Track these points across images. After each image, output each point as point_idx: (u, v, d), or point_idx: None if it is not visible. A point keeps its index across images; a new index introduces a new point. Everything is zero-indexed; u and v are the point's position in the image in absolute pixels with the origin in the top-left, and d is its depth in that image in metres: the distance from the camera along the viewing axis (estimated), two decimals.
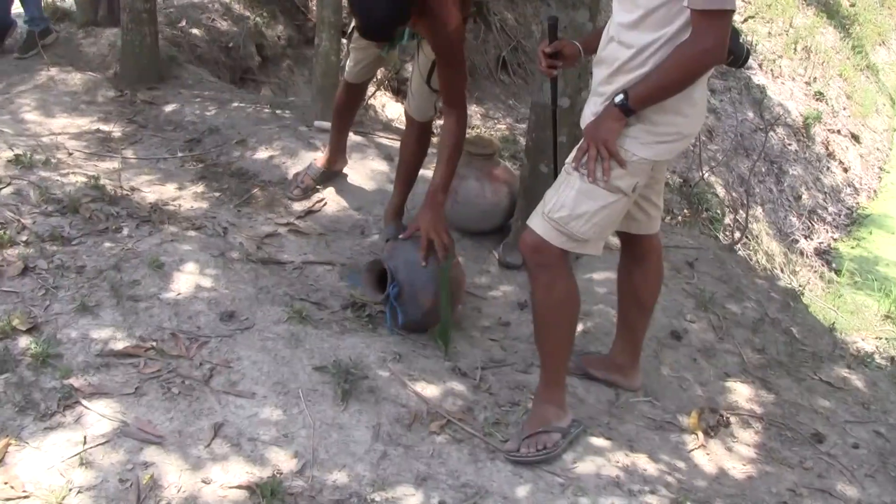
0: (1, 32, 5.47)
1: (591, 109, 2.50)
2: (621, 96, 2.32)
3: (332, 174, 4.19)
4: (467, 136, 3.46)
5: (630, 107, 2.32)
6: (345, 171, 4.27)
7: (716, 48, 2.23)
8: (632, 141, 2.38)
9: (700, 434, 2.93)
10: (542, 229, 2.50)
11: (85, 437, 2.34)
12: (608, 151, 2.37)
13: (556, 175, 3.22)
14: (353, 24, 3.40)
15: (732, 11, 2.22)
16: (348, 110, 4.06)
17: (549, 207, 2.48)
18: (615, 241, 3.99)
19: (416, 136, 3.66)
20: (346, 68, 3.83)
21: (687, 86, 2.30)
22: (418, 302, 3.10)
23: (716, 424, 2.97)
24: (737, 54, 2.47)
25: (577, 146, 2.48)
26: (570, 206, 2.44)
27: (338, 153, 4.18)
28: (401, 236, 3.25)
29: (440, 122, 3.52)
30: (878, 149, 11.05)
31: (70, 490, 2.18)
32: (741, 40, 2.51)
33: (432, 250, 3.08)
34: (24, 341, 2.66)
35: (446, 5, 2.95)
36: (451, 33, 3.03)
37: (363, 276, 3.26)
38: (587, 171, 2.40)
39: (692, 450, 2.84)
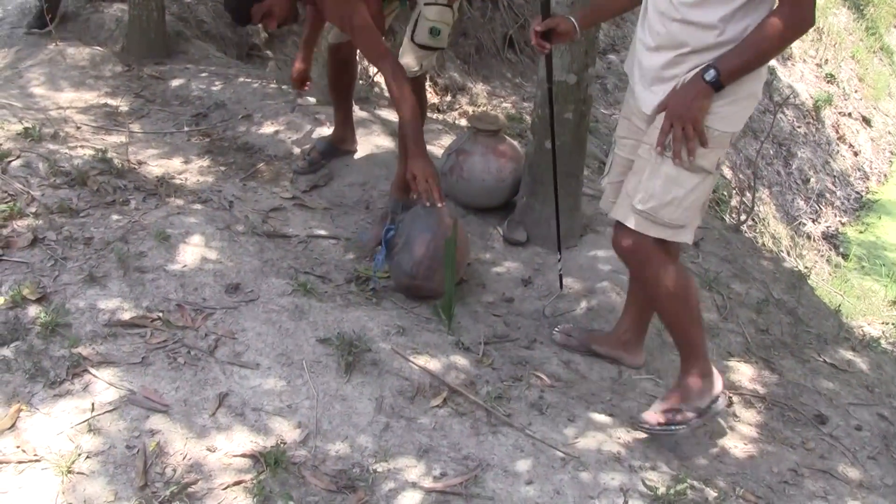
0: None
1: (656, 99, 2.40)
2: (713, 72, 2.24)
3: (340, 151, 4.19)
4: (473, 112, 3.47)
5: (722, 83, 2.25)
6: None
7: (808, 16, 2.18)
8: (712, 116, 2.31)
9: None
10: (633, 222, 2.44)
11: (93, 405, 2.37)
12: (694, 130, 2.30)
13: (554, 154, 3.24)
14: None
15: None
16: (339, 81, 4.06)
17: (638, 199, 2.41)
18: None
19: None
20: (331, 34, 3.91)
21: (778, 54, 2.27)
22: (411, 251, 3.14)
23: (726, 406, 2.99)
24: None
25: (658, 128, 2.38)
26: (659, 195, 2.38)
27: (344, 129, 4.18)
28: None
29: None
30: (889, 132, 10.96)
31: (79, 455, 2.21)
32: None
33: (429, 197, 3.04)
34: (33, 311, 2.68)
35: None
36: (329, 6, 3.18)
37: (373, 228, 3.30)
38: (672, 153, 2.33)
39: (694, 428, 2.86)
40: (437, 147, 4.40)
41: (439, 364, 2.81)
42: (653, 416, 2.61)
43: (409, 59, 3.59)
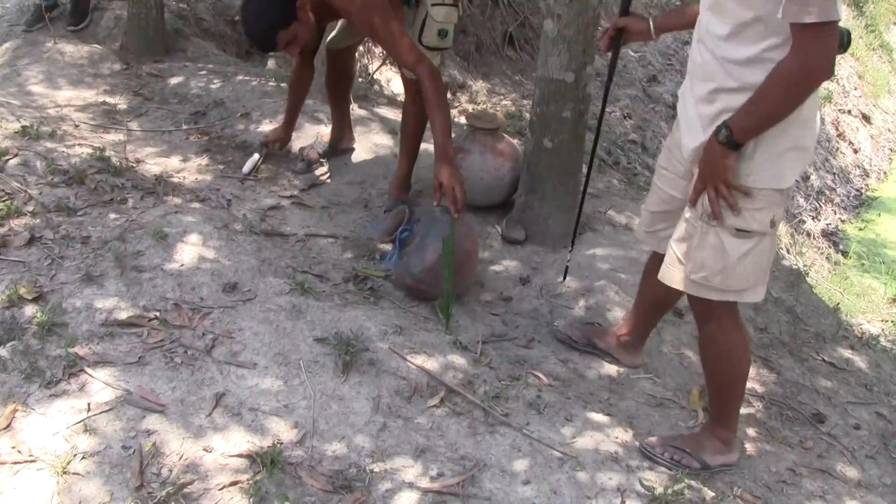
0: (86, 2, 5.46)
1: (696, 141, 2.27)
2: (725, 132, 2.12)
3: (337, 151, 4.19)
4: (472, 110, 3.47)
5: (737, 141, 2.12)
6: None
7: (822, 66, 1.97)
8: (752, 176, 2.17)
9: (700, 412, 2.94)
10: (692, 290, 2.36)
11: (89, 405, 2.36)
12: (728, 189, 2.18)
13: (592, 155, 3.22)
14: None
15: (837, 22, 1.92)
16: (336, 86, 4.08)
17: (689, 268, 2.32)
18: (620, 218, 4.00)
19: (413, 98, 3.64)
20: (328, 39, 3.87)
21: (794, 108, 2.06)
22: (423, 255, 3.13)
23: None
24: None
25: (692, 188, 2.29)
26: (710, 265, 2.28)
27: (342, 129, 4.18)
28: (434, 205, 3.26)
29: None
30: (889, 130, 10.95)
31: (74, 455, 2.21)
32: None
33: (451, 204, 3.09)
34: (30, 310, 2.68)
35: None
36: (356, 12, 3.17)
37: (385, 220, 3.30)
38: (713, 215, 2.22)
39: (692, 427, 2.86)
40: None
41: (437, 363, 2.81)
42: (661, 444, 2.60)
43: None
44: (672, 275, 2.39)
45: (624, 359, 3.13)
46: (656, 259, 2.73)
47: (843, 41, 2.14)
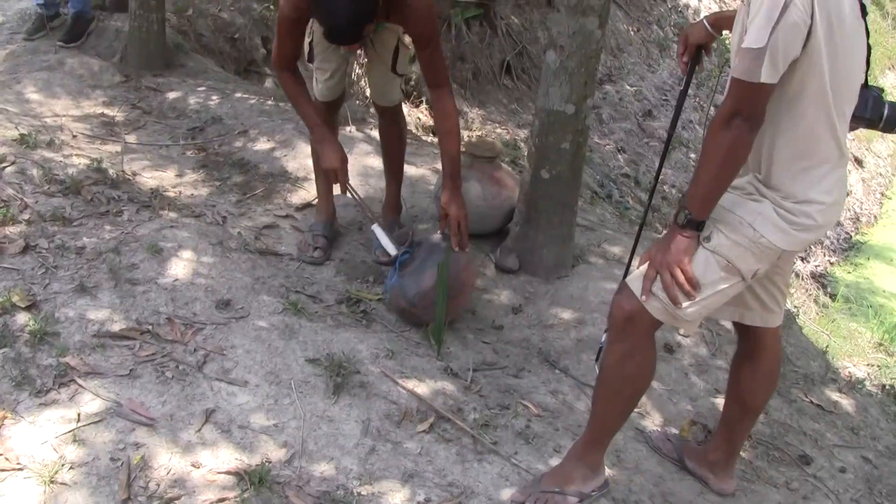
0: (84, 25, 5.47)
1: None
2: (684, 213, 2.11)
3: (336, 226, 3.82)
4: (471, 138, 3.48)
5: (697, 219, 2.11)
6: None
7: (733, 118, 1.99)
8: (763, 221, 2.13)
9: (692, 442, 2.94)
10: (651, 304, 2.23)
11: (78, 415, 2.35)
12: (684, 274, 2.14)
13: (660, 168, 2.96)
14: (309, 41, 3.33)
15: (763, 84, 1.94)
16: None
17: (658, 286, 2.21)
18: (614, 251, 4.02)
19: (391, 122, 3.66)
20: (316, 90, 3.48)
21: (737, 166, 2.07)
22: (419, 280, 3.14)
23: (703, 440, 2.98)
24: (870, 118, 2.21)
25: (644, 270, 2.23)
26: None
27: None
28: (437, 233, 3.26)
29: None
30: (880, 174, 11.05)
31: (62, 465, 2.19)
32: (884, 100, 2.23)
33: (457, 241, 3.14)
34: (22, 318, 2.66)
35: None
36: (426, 15, 3.00)
37: (387, 238, 3.31)
38: (671, 299, 2.16)
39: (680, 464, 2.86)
40: (431, 170, 4.41)
41: (427, 389, 2.81)
42: (526, 495, 2.43)
43: (391, 88, 3.56)
44: (637, 282, 2.26)
45: (712, 482, 2.79)
46: (740, 350, 2.66)
47: (882, 118, 2.19)
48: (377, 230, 3.36)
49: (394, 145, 3.71)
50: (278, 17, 3.05)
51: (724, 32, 2.56)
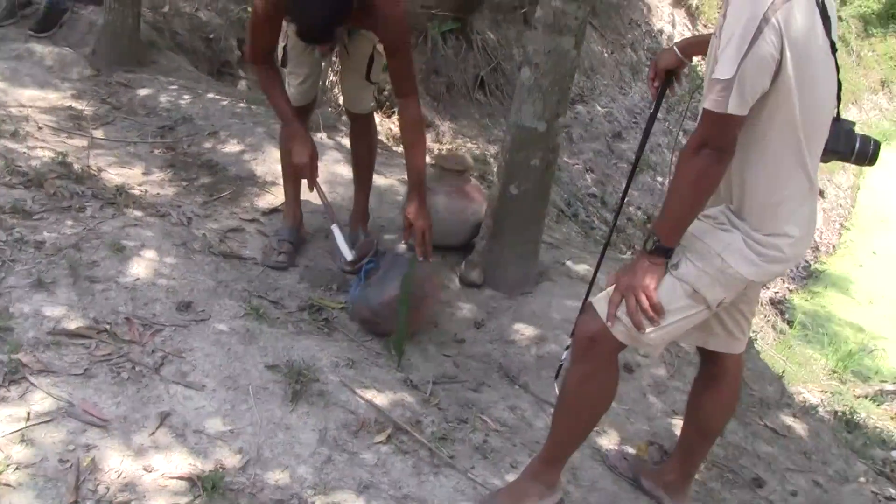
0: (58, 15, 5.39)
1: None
2: (653, 239, 2.13)
3: (302, 234, 3.78)
4: (441, 152, 3.48)
5: (665, 246, 2.13)
6: None
7: (702, 147, 2.01)
8: (732, 252, 2.12)
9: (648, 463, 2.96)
10: (611, 324, 2.22)
11: (28, 414, 2.31)
12: (649, 301, 2.14)
13: (627, 190, 3.06)
14: (283, 45, 3.32)
15: (731, 116, 1.96)
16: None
17: (622, 310, 2.20)
18: (578, 269, 4.04)
19: (363, 130, 3.66)
20: (289, 95, 3.34)
21: (706, 195, 2.08)
22: (383, 290, 3.15)
23: (660, 460, 3.00)
24: (842, 152, 2.20)
25: (610, 293, 2.23)
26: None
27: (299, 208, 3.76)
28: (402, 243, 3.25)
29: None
30: (840, 205, 11.26)
31: (8, 466, 2.14)
32: (856, 133, 2.21)
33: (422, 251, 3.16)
34: None
35: None
36: (397, 23, 3.01)
37: (344, 241, 3.30)
38: (635, 325, 2.16)
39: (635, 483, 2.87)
40: (400, 181, 4.40)
41: (386, 400, 2.80)
42: None
43: (365, 95, 3.57)
44: (603, 303, 2.25)
45: (667, 503, 2.79)
46: (701, 373, 2.67)
47: (870, 153, 2.19)
48: (336, 231, 3.33)
49: (364, 154, 3.71)
50: (252, 11, 3.04)
51: (695, 59, 2.59)
